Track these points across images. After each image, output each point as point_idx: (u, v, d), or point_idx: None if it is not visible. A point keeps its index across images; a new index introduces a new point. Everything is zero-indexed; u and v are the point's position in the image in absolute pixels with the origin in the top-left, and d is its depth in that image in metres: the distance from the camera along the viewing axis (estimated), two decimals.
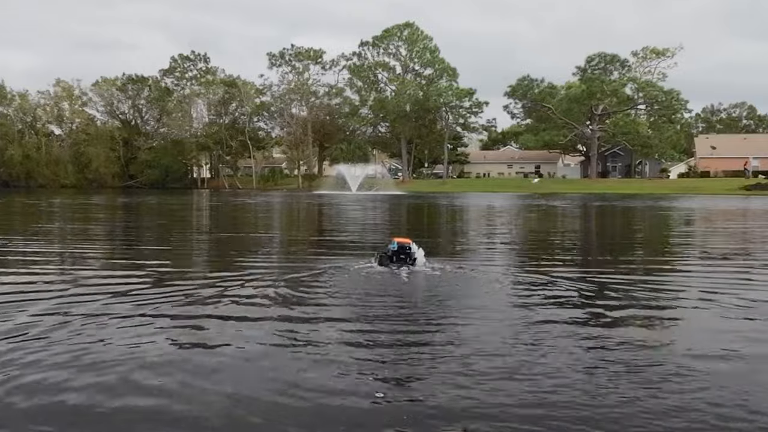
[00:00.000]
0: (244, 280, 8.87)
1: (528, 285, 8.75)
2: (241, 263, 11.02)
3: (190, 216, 30.53)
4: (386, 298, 7.68)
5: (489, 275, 9.54)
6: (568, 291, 8.34)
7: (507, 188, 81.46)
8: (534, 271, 10.00)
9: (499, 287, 8.63)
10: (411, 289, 8.61)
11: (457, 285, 8.88)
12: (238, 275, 9.39)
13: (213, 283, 8.76)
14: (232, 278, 9.10)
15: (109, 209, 35.41)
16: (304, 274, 9.51)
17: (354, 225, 22.67)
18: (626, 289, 8.54)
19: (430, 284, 8.80)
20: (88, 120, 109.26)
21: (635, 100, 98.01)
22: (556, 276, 9.46)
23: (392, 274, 9.59)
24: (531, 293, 8.14)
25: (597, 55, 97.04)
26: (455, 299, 7.76)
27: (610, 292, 8.29)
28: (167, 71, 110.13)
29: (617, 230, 22.64)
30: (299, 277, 9.18)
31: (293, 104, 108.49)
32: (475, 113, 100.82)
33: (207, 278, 9.33)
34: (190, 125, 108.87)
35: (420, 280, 9.15)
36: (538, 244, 15.87)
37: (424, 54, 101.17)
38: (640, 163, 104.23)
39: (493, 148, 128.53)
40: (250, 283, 8.66)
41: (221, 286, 8.47)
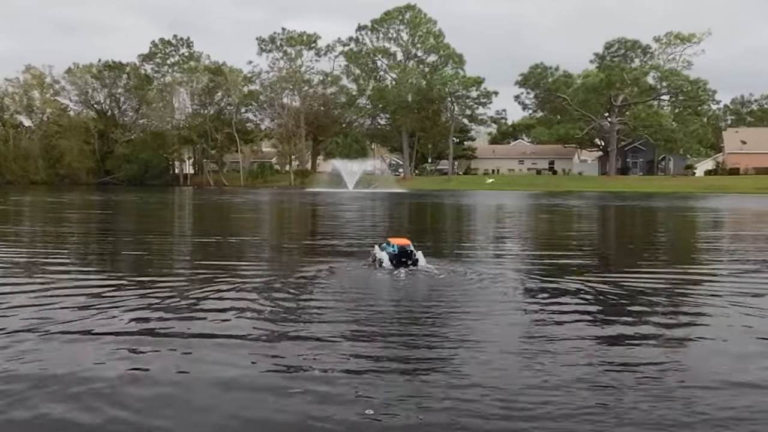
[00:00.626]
0: (223, 289, 8.68)
1: (536, 294, 8.58)
2: (222, 271, 10.80)
3: (167, 217, 30.36)
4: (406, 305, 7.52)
5: (497, 283, 9.37)
6: (579, 302, 8.15)
7: (517, 186, 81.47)
8: (543, 280, 9.80)
9: (509, 296, 8.47)
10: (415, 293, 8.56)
11: (468, 290, 8.80)
12: (217, 285, 9.18)
13: (184, 293, 8.55)
14: (209, 289, 8.89)
15: (78, 208, 35.21)
16: (292, 279, 9.36)
17: (350, 227, 22.47)
18: (644, 308, 8.34)
19: (439, 293, 8.65)
20: (60, 110, 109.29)
21: (658, 90, 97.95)
22: (568, 285, 9.27)
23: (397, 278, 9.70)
24: (540, 303, 7.96)
25: (617, 40, 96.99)
26: (465, 306, 7.64)
27: (626, 305, 8.09)
28: (147, 57, 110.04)
29: (636, 234, 22.45)
30: (287, 283, 9.03)
31: (284, 93, 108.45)
32: (483, 104, 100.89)
33: (178, 288, 9.11)
34: (171, 116, 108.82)
35: (424, 285, 9.01)
36: (548, 249, 15.67)
37: (428, 39, 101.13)
38: (663, 158, 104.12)
39: (502, 142, 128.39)
40: (227, 293, 8.47)
41: (194, 297, 8.27)
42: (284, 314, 7.38)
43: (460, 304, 8.10)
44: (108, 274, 10.61)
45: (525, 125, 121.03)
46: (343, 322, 6.99)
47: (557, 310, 7.68)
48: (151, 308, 7.58)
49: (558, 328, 6.80)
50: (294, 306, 7.87)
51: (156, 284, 9.26)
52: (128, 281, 9.55)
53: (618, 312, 7.68)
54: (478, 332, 6.57)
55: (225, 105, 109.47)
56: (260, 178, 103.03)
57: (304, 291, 8.89)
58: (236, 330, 6.61)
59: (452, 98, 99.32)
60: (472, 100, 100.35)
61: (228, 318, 7.16)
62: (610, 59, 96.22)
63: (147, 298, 8.20)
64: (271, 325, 6.86)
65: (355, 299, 8.32)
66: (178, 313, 7.37)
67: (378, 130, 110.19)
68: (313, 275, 10.10)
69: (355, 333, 6.52)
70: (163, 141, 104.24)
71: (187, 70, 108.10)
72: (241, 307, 7.63)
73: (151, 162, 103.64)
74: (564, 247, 15.75)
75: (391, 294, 8.84)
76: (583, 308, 7.83)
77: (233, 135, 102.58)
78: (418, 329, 6.70)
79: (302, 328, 6.74)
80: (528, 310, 7.68)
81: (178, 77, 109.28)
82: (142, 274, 10.55)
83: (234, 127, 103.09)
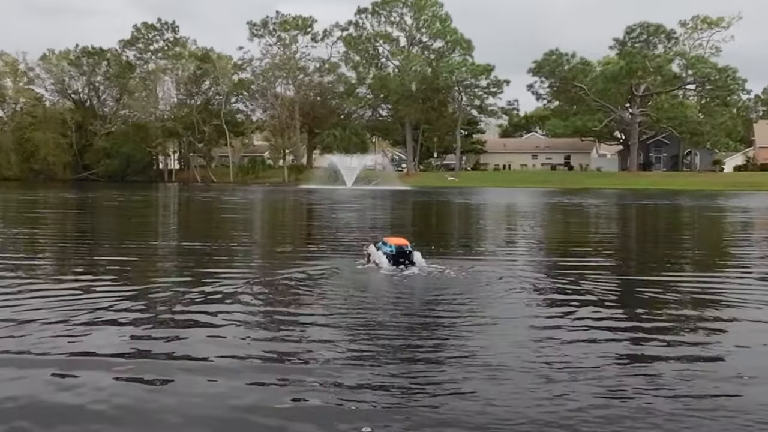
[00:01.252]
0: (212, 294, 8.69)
1: (551, 304, 8.58)
2: (201, 280, 10.78)
3: (146, 218, 30.35)
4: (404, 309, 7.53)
5: (508, 287, 9.38)
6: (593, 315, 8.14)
7: (530, 183, 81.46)
8: (555, 290, 9.79)
9: (522, 305, 8.47)
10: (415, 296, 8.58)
11: (477, 292, 8.86)
12: (197, 295, 9.17)
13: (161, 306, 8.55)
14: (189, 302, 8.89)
15: (47, 207, 35.22)
16: (285, 285, 9.37)
17: (348, 229, 22.45)
18: (669, 320, 8.33)
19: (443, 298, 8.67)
20: (34, 100, 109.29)
21: (683, 79, 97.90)
22: (584, 296, 9.26)
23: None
24: (557, 313, 7.96)
25: (639, 24, 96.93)
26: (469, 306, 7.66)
27: (646, 320, 8.08)
28: (129, 42, 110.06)
29: (659, 237, 22.41)
30: (280, 290, 9.04)
31: (278, 82, 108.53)
32: (493, 94, 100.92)
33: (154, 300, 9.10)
34: (155, 107, 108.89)
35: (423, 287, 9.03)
36: (563, 255, 15.64)
37: (434, 23, 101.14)
38: (688, 153, 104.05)
39: (514, 135, 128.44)
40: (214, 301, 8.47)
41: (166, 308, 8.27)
42: (283, 325, 7.37)
43: (473, 306, 8.30)
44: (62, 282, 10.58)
45: (539, 117, 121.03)
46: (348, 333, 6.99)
47: (575, 324, 7.66)
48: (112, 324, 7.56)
49: (579, 344, 6.77)
50: (294, 314, 7.90)
51: (117, 295, 9.24)
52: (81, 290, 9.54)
53: (639, 325, 7.66)
54: (489, 345, 6.56)
55: (213, 95, 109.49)
56: (251, 173, 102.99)
57: (305, 296, 9.03)
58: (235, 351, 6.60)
59: (460, 87, 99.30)
60: (482, 90, 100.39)
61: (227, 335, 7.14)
62: (631, 45, 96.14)
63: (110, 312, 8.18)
64: (274, 337, 6.86)
65: (366, 305, 8.55)
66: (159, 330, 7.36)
67: (379, 122, 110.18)
68: (310, 279, 10.20)
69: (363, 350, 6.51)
70: (146, 134, 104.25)
71: (172, 57, 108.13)
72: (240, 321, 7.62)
73: (133, 156, 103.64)
74: (581, 254, 15.72)
75: (410, 298, 9.00)
76: (598, 317, 7.83)
77: (222, 127, 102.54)
78: (436, 342, 6.69)
79: (307, 336, 6.78)
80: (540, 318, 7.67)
81: (162, 64, 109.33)
82: (131, 284, 10.52)
83: (223, 118, 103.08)
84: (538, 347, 6.57)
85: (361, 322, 7.55)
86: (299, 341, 6.73)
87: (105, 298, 8.74)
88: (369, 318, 7.75)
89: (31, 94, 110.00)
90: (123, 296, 8.96)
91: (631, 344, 6.83)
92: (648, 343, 6.82)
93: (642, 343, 6.85)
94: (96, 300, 8.66)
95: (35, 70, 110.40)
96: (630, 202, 44.89)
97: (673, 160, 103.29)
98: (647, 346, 6.71)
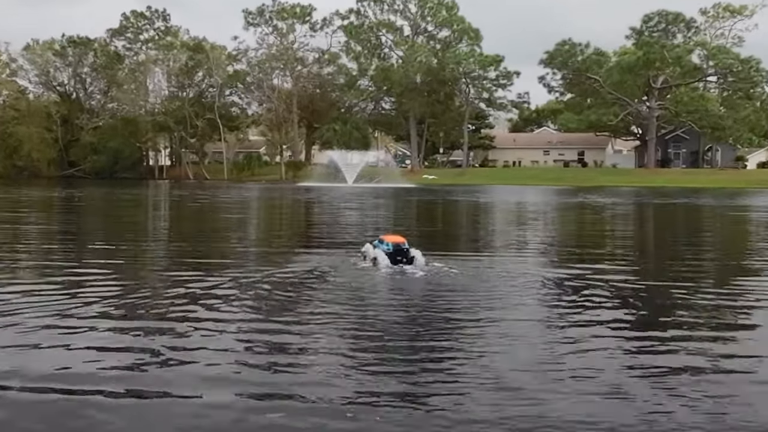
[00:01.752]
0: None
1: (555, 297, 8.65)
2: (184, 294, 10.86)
3: (131, 218, 30.44)
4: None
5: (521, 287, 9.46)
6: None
7: (542, 180, 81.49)
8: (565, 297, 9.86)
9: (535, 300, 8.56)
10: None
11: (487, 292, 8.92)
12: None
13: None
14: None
15: (22, 206, 35.32)
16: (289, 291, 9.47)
17: (350, 230, 22.51)
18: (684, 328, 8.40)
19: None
20: (17, 93, 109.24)
21: (704, 70, 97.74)
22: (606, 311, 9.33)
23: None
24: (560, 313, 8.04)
25: (656, 13, 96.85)
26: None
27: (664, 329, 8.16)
28: (117, 32, 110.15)
29: (678, 239, 22.44)
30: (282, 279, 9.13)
31: (275, 74, 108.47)
32: (502, 86, 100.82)
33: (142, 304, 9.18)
34: (145, 99, 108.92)
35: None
36: (579, 262, 15.70)
37: (439, 11, 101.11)
38: (709, 149, 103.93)
39: (525, 129, 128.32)
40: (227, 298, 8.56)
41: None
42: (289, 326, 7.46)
43: (474, 306, 8.53)
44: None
45: (551, 110, 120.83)
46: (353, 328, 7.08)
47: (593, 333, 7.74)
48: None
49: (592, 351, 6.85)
50: (296, 314, 8.01)
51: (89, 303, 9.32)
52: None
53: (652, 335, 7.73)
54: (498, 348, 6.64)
55: (206, 87, 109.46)
56: (247, 170, 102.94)
57: (304, 295, 9.34)
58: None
59: (467, 79, 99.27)
60: (490, 82, 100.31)
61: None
62: (648, 35, 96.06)
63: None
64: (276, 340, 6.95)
65: (364, 305, 8.81)
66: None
67: (382, 116, 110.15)
68: (308, 279, 10.45)
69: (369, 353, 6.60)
70: (135, 128, 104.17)
71: (162, 47, 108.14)
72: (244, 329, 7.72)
73: (122, 152, 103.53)
74: (601, 260, 15.76)
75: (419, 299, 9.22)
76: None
77: (216, 121, 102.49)
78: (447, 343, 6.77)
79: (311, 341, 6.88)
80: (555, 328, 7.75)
81: (152, 55, 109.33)
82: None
83: (217, 112, 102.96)
84: (549, 352, 6.71)
85: (362, 321, 7.81)
86: (300, 338, 7.00)
87: (82, 301, 8.83)
88: (371, 316, 8.03)
89: (14, 86, 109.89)
90: (109, 296, 9.05)
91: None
92: (668, 354, 6.90)
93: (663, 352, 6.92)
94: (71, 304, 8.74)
95: (18, 61, 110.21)
96: (648, 200, 44.85)
97: (693, 157, 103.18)
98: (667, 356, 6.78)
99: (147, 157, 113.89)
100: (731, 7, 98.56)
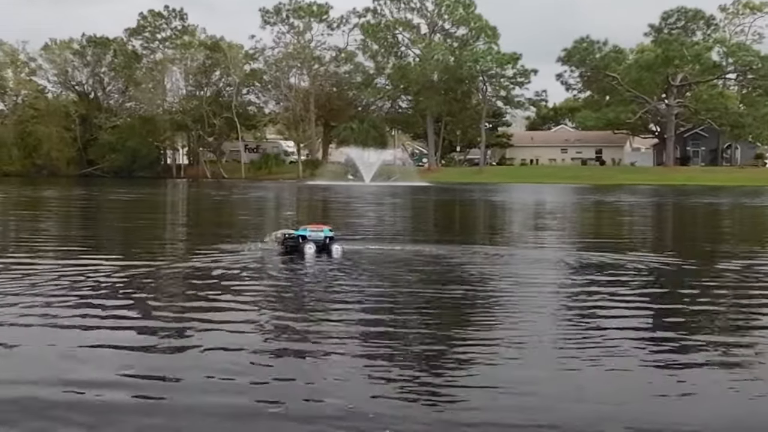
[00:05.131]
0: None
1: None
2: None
3: (147, 217, 30.63)
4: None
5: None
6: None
7: (559, 179, 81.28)
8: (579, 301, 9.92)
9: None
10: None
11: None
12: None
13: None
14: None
15: (32, 206, 35.59)
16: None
17: (369, 231, 22.59)
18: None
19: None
20: (36, 92, 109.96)
21: (723, 68, 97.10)
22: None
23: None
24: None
25: (675, 10, 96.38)
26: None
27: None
28: (135, 31, 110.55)
29: (698, 234, 22.38)
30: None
31: (292, 72, 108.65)
32: (520, 84, 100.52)
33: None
34: (162, 98, 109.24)
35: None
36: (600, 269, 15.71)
37: (456, 9, 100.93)
38: (728, 146, 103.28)
39: (542, 127, 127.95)
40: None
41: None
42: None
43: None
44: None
45: (568, 108, 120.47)
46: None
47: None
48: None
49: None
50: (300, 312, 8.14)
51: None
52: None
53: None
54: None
55: (224, 86, 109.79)
56: (264, 169, 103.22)
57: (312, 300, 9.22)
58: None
59: (484, 77, 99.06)
60: (508, 80, 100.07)
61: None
62: (667, 32, 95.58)
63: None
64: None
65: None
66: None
67: (399, 115, 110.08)
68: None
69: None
70: (153, 127, 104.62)
71: (180, 46, 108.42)
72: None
73: (140, 151, 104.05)
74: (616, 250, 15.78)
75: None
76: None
77: (233, 120, 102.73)
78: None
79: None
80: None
81: (170, 54, 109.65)
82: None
83: (234, 111, 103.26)
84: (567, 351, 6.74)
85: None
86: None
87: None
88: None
89: (33, 85, 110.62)
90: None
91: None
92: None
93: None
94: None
95: (37, 61, 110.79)
96: (669, 199, 44.68)
97: (712, 155, 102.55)
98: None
99: (165, 155, 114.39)
100: (751, 3, 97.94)
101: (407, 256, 14.20)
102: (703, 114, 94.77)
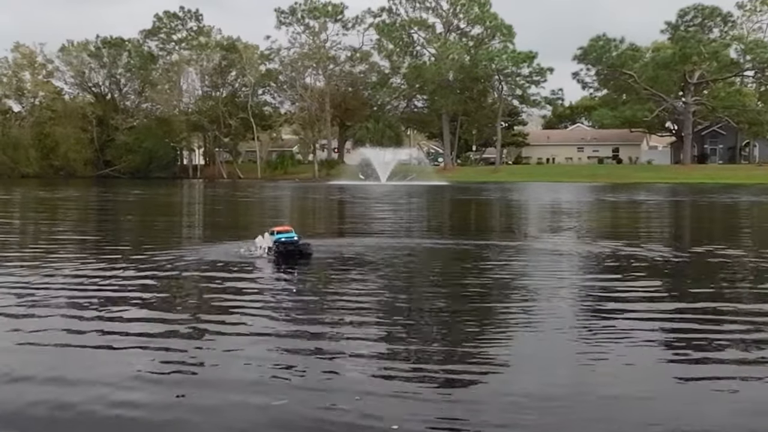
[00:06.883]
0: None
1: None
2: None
3: (163, 217, 30.73)
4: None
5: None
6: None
7: (576, 177, 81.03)
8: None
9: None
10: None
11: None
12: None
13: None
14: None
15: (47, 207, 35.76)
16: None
17: (386, 230, 22.56)
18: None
19: None
20: (53, 94, 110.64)
21: (741, 65, 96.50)
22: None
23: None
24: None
25: (692, 7, 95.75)
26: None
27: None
28: (150, 32, 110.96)
29: (718, 232, 22.22)
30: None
31: (307, 72, 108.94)
32: (536, 83, 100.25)
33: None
34: (179, 99, 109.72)
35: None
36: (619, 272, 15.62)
37: (472, 8, 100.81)
38: (747, 144, 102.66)
39: (558, 126, 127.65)
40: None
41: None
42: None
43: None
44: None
45: (585, 107, 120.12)
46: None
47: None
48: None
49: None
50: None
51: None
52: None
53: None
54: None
55: (239, 86, 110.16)
56: (280, 169, 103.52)
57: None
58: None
59: (500, 76, 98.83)
60: (523, 78, 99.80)
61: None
62: (684, 29, 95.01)
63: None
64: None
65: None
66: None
67: (414, 114, 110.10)
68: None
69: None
70: (169, 128, 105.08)
71: (196, 47, 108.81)
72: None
73: (157, 152, 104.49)
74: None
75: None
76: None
77: (249, 120, 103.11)
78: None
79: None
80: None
81: (186, 55, 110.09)
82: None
83: (250, 111, 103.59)
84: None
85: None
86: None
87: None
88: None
89: (50, 87, 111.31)
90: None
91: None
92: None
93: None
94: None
95: (54, 63, 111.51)
96: (684, 198, 44.43)
97: (730, 152, 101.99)
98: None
99: (181, 156, 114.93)
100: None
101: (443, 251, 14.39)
102: (720, 112, 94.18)
